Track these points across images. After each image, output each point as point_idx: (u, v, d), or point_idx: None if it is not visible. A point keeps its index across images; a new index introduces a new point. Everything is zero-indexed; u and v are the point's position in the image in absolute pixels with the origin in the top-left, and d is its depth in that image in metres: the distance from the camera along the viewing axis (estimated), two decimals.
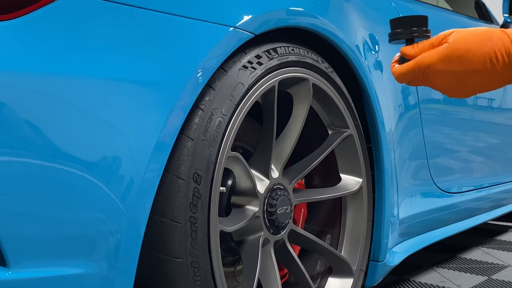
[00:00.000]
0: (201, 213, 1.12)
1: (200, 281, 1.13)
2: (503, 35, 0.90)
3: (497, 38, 0.89)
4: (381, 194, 1.61)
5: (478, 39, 0.90)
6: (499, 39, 0.89)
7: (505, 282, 2.06)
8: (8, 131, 0.88)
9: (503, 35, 0.90)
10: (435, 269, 2.24)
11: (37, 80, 0.91)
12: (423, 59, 0.94)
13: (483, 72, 0.90)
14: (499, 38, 0.89)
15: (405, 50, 0.97)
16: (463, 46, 0.90)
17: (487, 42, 0.89)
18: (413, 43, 0.98)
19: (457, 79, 0.92)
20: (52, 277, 0.94)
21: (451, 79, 0.93)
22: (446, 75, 0.92)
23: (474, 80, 0.92)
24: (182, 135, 1.11)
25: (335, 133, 1.52)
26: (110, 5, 1.00)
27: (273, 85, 1.29)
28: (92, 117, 0.96)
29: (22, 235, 0.91)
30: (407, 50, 0.96)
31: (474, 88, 0.94)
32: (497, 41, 0.89)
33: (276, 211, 1.33)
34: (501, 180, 2.53)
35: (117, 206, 0.99)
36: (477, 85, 0.93)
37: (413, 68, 0.94)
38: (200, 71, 1.10)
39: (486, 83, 0.93)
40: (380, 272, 1.63)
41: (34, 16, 0.93)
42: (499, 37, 0.90)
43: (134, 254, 1.02)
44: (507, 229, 3.16)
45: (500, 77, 0.91)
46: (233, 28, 1.17)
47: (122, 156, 0.99)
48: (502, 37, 0.90)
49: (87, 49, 0.97)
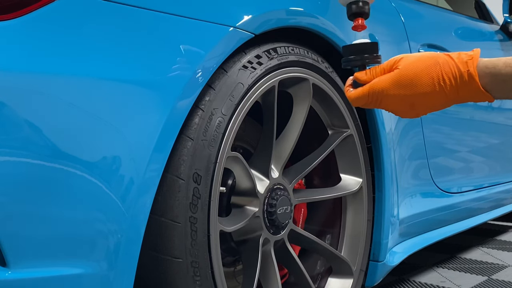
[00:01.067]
0: (201, 213, 1.12)
1: (200, 281, 1.13)
2: (449, 59, 0.95)
3: (443, 62, 0.95)
4: (381, 194, 1.61)
5: (426, 64, 0.95)
6: (446, 63, 0.94)
7: (505, 282, 2.06)
8: (8, 131, 0.88)
9: (449, 59, 0.95)
10: (435, 269, 2.24)
11: (37, 80, 0.91)
12: (376, 85, 0.98)
13: (432, 95, 0.96)
14: (446, 62, 0.95)
15: (358, 75, 1.02)
16: (412, 72, 0.95)
17: (434, 66, 0.95)
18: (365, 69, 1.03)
19: (409, 102, 0.97)
20: (52, 277, 0.94)
21: (403, 103, 0.98)
22: (398, 99, 0.98)
23: (424, 102, 0.97)
24: (182, 135, 1.11)
25: (335, 133, 1.52)
26: (110, 5, 1.00)
27: (273, 85, 1.29)
28: (92, 117, 0.96)
29: (22, 235, 0.91)
30: (360, 75, 1.01)
31: (425, 109, 0.99)
32: (443, 65, 0.94)
33: (276, 211, 1.33)
34: (501, 180, 2.53)
35: (117, 206, 0.99)
36: (427, 106, 0.99)
37: (367, 93, 0.99)
38: (200, 71, 1.10)
39: (436, 104, 0.98)
40: (380, 272, 1.63)
41: (34, 16, 0.93)
42: (445, 61, 0.95)
43: (134, 254, 1.02)
44: (507, 229, 3.16)
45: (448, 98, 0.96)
46: (233, 28, 1.17)
47: (122, 156, 0.99)
48: (448, 61, 0.95)
49: (87, 49, 0.97)
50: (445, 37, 2.19)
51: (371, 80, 1.00)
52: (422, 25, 2.10)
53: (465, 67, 0.93)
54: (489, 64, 0.93)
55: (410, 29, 1.90)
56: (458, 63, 0.94)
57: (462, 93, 0.95)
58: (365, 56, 1.02)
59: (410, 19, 1.95)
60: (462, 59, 0.94)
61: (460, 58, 0.94)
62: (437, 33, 2.15)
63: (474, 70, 0.92)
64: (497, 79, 0.92)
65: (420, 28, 2.03)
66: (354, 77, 1.03)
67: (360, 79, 1.01)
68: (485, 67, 0.93)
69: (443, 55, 0.96)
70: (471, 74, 0.92)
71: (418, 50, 1.92)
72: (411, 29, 1.90)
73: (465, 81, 0.93)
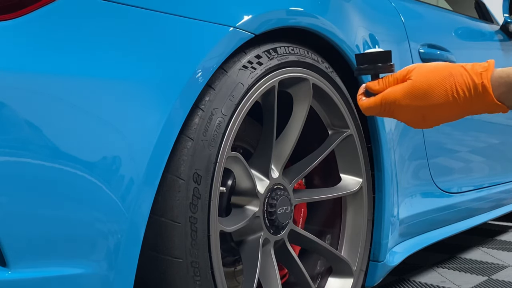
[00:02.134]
0: (201, 213, 1.12)
1: (200, 281, 1.13)
2: (463, 70, 0.93)
3: (457, 73, 0.93)
4: (381, 194, 1.61)
5: (440, 75, 0.94)
6: (459, 75, 0.93)
7: (505, 282, 2.06)
8: (8, 131, 0.88)
9: (462, 71, 0.93)
10: (435, 269, 2.24)
11: (37, 80, 0.91)
12: (388, 95, 0.97)
13: (446, 106, 0.94)
14: (459, 73, 0.93)
15: (370, 85, 1.00)
16: (426, 83, 0.94)
17: (448, 78, 0.93)
18: (378, 78, 1.02)
19: (421, 113, 0.96)
20: (52, 277, 0.94)
21: (416, 114, 0.97)
22: (410, 110, 0.96)
23: (437, 114, 0.96)
24: (182, 135, 1.11)
25: (335, 133, 1.52)
26: (110, 5, 1.00)
27: (273, 85, 1.29)
28: (92, 117, 0.96)
29: (22, 235, 0.91)
30: (373, 85, 1.00)
31: (438, 120, 0.98)
32: (457, 76, 0.93)
33: (276, 211, 1.33)
34: (501, 180, 2.53)
35: (117, 206, 0.99)
36: (440, 118, 0.97)
37: (380, 103, 0.98)
38: (200, 71, 1.10)
39: (449, 116, 0.97)
40: (380, 272, 1.63)
41: (34, 16, 0.93)
42: (459, 73, 0.93)
43: (134, 254, 1.02)
44: (507, 229, 3.16)
45: (462, 110, 0.95)
46: (233, 28, 1.17)
47: (122, 156, 0.99)
48: (462, 72, 0.93)
49: (87, 49, 0.97)
50: (445, 37, 2.19)
51: (383, 90, 0.98)
52: (422, 25, 2.10)
53: (479, 78, 0.92)
54: (503, 74, 0.91)
55: (410, 29, 1.90)
56: (472, 74, 0.92)
57: (476, 105, 0.93)
58: (378, 65, 1.00)
59: (410, 19, 1.95)
60: (476, 70, 0.92)
61: (474, 70, 0.93)
62: (437, 33, 2.15)
63: (488, 82, 0.91)
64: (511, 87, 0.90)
65: (420, 28, 2.03)
66: (366, 86, 1.01)
67: (373, 88, 1.00)
68: (499, 77, 0.91)
69: (457, 66, 0.94)
70: (485, 86, 0.91)
71: (418, 50, 1.92)
72: (411, 29, 1.90)
73: (479, 92, 0.92)
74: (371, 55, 1.01)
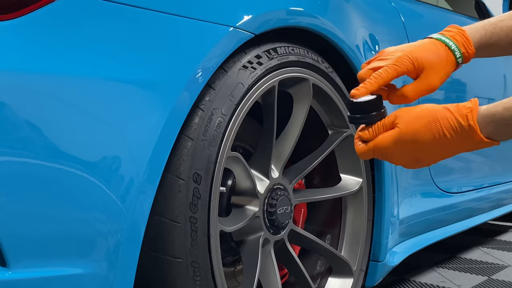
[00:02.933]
0: (201, 213, 1.12)
1: (200, 281, 1.13)
2: (448, 113, 0.94)
3: (442, 117, 0.94)
4: (381, 194, 1.61)
5: (425, 121, 0.95)
6: (445, 118, 0.94)
7: (505, 282, 2.06)
8: (8, 131, 0.88)
9: (448, 113, 0.94)
10: (435, 269, 2.24)
11: (37, 80, 0.91)
12: (379, 143, 1.00)
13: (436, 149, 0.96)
14: (445, 117, 0.94)
15: (362, 134, 1.02)
16: (412, 130, 0.96)
17: (434, 123, 0.95)
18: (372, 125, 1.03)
19: (413, 156, 0.99)
20: (52, 277, 0.94)
21: (408, 157, 0.99)
22: (402, 155, 0.99)
23: (429, 156, 0.98)
24: (182, 135, 1.11)
25: (335, 133, 1.52)
26: (110, 5, 1.00)
27: (273, 85, 1.29)
28: (92, 117, 0.96)
29: (22, 235, 0.91)
30: (364, 134, 1.02)
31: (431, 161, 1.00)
32: (443, 120, 0.94)
33: (276, 211, 1.33)
34: (501, 180, 2.53)
35: (117, 206, 0.99)
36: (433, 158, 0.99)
37: (372, 150, 1.01)
38: (200, 71, 1.10)
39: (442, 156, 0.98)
40: (380, 272, 1.63)
41: (34, 16, 0.93)
42: (444, 116, 0.94)
43: (134, 254, 1.02)
44: (507, 229, 3.16)
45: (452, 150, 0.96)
46: (233, 28, 1.17)
47: (122, 156, 0.99)
48: (447, 115, 0.94)
49: (87, 49, 0.97)
50: None
51: (374, 137, 1.00)
52: (422, 25, 2.10)
53: (465, 120, 0.92)
54: (489, 114, 0.92)
55: (410, 29, 1.90)
56: (457, 117, 0.93)
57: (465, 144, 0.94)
58: (372, 114, 1.01)
59: (410, 19, 1.95)
60: (461, 111, 0.93)
61: (459, 111, 0.93)
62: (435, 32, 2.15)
63: (475, 124, 0.92)
64: (499, 124, 0.91)
65: (420, 28, 2.03)
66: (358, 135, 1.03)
67: (364, 137, 1.02)
68: (485, 116, 0.92)
69: (442, 109, 0.95)
70: (472, 127, 0.92)
71: None
72: (411, 29, 1.90)
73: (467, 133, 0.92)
74: (363, 104, 1.01)
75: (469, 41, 1.07)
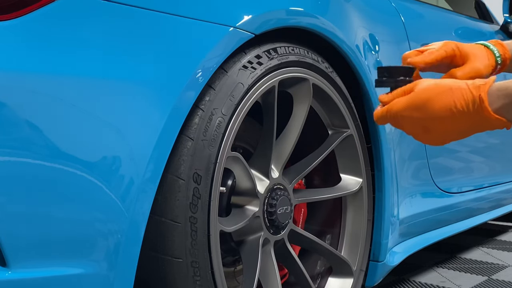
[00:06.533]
0: (201, 213, 1.12)
1: (200, 281, 1.13)
2: (463, 85, 0.95)
3: (456, 88, 0.95)
4: (381, 194, 1.61)
5: (440, 89, 0.96)
6: (459, 89, 0.95)
7: (505, 282, 2.06)
8: (8, 131, 0.88)
9: (463, 85, 0.95)
10: (435, 269, 2.24)
11: (37, 80, 0.91)
12: (392, 106, 1.01)
13: (445, 120, 0.96)
14: (459, 88, 0.95)
15: (381, 97, 1.04)
16: (426, 96, 0.97)
17: (447, 92, 0.95)
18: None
19: (421, 125, 0.99)
20: (52, 277, 0.94)
21: (416, 125, 1.00)
22: (411, 121, 1.00)
23: (437, 128, 0.99)
24: (182, 135, 1.11)
25: (335, 133, 1.52)
26: (110, 5, 1.00)
27: (273, 85, 1.29)
28: (92, 117, 0.96)
29: (22, 235, 0.91)
30: (383, 97, 1.03)
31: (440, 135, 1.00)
32: (456, 91, 0.95)
33: (276, 211, 1.33)
34: (501, 180, 2.53)
35: (117, 206, 0.99)
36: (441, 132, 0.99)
37: (386, 114, 1.02)
38: (200, 71, 1.10)
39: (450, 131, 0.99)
40: (380, 272, 1.63)
41: (34, 16, 0.93)
42: (459, 87, 0.95)
43: (134, 254, 1.02)
44: (507, 229, 3.16)
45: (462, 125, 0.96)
46: (233, 28, 1.17)
47: (122, 156, 0.99)
48: (462, 87, 0.95)
49: (87, 49, 0.97)
50: (445, 37, 2.18)
51: (391, 101, 1.02)
52: (422, 25, 2.10)
53: (477, 91, 0.93)
54: (502, 87, 0.92)
55: (410, 29, 1.90)
56: (471, 89, 0.94)
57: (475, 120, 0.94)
58: (398, 79, 1.03)
59: (410, 19, 1.95)
60: (475, 84, 0.94)
61: (474, 84, 0.94)
62: (437, 33, 2.15)
63: (485, 95, 0.92)
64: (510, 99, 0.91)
65: (420, 28, 2.03)
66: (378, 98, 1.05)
67: (382, 100, 1.03)
68: (497, 90, 0.92)
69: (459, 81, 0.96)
70: (482, 98, 0.92)
71: None
72: (411, 29, 1.90)
73: (477, 106, 0.92)
74: (393, 69, 1.03)
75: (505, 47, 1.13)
